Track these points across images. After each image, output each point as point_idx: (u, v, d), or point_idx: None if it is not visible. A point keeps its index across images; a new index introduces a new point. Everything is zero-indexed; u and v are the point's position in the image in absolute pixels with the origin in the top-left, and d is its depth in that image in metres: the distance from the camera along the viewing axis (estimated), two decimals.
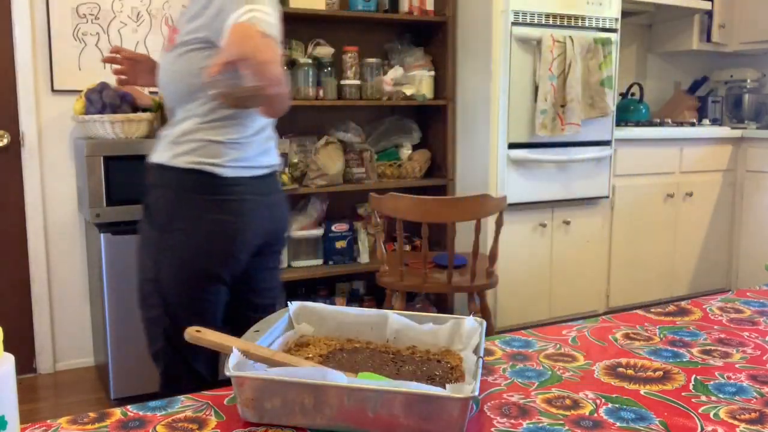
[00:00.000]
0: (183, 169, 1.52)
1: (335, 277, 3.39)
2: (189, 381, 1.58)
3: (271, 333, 0.97)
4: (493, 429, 0.80)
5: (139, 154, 2.61)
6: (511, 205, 3.23)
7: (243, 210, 1.55)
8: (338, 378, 0.78)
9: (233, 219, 1.54)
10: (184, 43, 1.51)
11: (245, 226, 1.56)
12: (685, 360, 1.02)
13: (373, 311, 1.05)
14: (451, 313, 3.50)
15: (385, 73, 3.35)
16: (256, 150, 1.57)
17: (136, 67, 1.79)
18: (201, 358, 1.59)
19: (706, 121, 4.25)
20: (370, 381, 0.80)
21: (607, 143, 3.50)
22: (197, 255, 1.53)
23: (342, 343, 1.03)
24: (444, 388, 0.78)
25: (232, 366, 0.81)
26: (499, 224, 2.64)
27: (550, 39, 3.16)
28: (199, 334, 0.87)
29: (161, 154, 1.56)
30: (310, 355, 0.97)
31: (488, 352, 1.05)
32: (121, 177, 2.60)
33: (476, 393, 0.76)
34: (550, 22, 3.23)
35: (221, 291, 1.59)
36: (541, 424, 0.81)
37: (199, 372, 1.61)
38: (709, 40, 4.22)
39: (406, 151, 3.49)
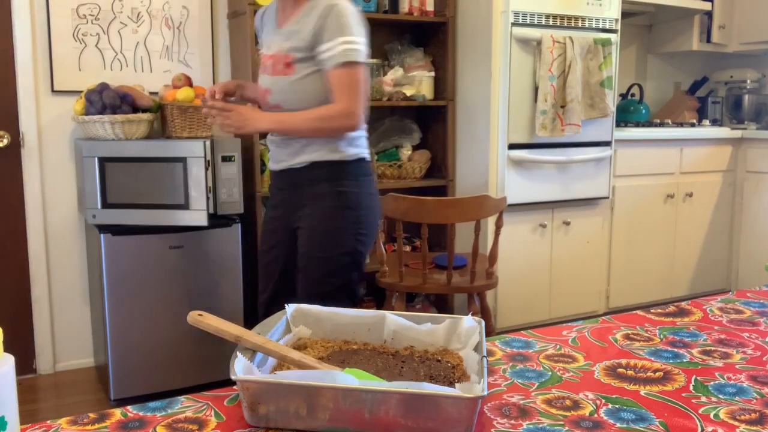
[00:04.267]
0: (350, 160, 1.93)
1: None
2: None
3: (269, 336, 0.97)
4: (493, 429, 0.79)
5: (137, 156, 2.61)
6: (511, 205, 3.23)
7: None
8: (349, 380, 0.78)
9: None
10: (303, 66, 1.87)
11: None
12: (685, 360, 1.02)
13: (370, 312, 1.05)
14: (451, 314, 3.50)
15: (385, 73, 3.35)
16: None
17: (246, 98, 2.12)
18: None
19: (706, 122, 4.25)
20: (381, 383, 0.80)
21: (607, 144, 3.50)
22: (376, 219, 2.02)
23: (339, 345, 1.02)
24: (447, 387, 0.78)
25: (239, 371, 0.81)
26: (498, 225, 2.64)
27: (550, 39, 3.16)
28: (201, 318, 0.89)
29: (317, 154, 1.90)
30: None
31: (488, 353, 1.05)
32: (119, 178, 2.59)
33: (485, 392, 0.76)
34: (550, 22, 3.23)
35: None
36: (541, 425, 0.81)
37: None
38: (709, 40, 4.22)
39: (406, 152, 3.48)
